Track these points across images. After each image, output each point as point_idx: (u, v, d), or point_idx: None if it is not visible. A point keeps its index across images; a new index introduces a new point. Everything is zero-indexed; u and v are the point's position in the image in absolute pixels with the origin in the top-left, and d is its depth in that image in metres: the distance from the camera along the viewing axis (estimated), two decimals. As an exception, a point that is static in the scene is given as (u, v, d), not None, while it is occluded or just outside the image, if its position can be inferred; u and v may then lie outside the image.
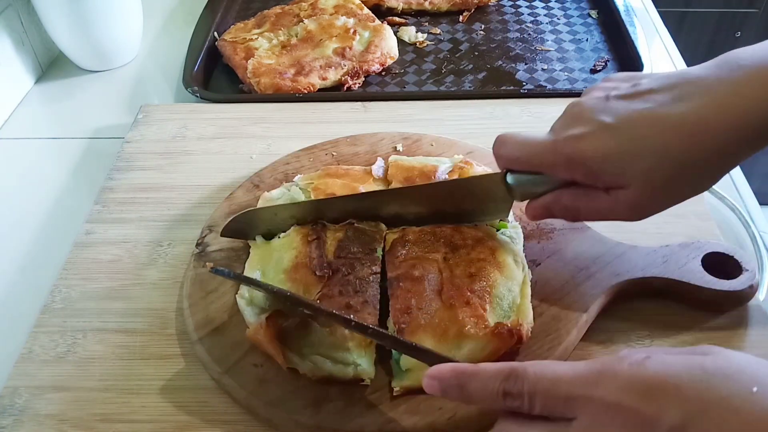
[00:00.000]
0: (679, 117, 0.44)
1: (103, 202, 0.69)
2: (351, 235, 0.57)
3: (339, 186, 0.62)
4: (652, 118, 0.45)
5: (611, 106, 0.47)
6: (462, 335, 0.50)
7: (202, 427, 0.50)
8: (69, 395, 0.52)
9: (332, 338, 0.50)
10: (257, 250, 0.59)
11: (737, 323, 0.55)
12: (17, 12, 0.89)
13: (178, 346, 0.56)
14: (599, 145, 0.47)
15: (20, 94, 0.90)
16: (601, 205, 0.49)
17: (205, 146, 0.76)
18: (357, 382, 0.50)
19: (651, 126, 0.45)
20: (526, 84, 0.87)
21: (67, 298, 0.60)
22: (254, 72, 0.86)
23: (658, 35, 0.98)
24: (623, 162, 0.46)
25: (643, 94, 0.47)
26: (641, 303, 0.56)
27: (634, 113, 0.46)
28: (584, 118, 0.48)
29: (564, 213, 0.52)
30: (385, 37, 0.92)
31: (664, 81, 0.47)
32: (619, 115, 0.46)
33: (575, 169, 0.48)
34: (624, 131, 0.46)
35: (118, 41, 0.94)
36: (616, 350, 0.53)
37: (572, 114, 0.49)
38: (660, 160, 0.45)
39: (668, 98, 0.45)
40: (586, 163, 0.47)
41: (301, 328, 0.51)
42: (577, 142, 0.47)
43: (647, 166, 0.45)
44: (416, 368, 0.49)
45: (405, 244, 0.56)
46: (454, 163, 0.64)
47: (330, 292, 0.53)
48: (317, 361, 0.50)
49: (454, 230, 0.57)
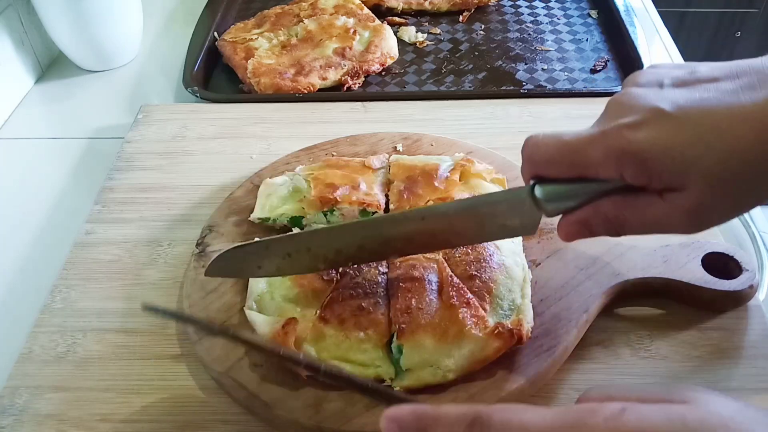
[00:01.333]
0: (752, 108, 0.38)
1: (103, 202, 0.69)
2: None
3: (339, 176, 0.62)
4: (720, 108, 0.39)
5: (668, 93, 0.41)
6: (462, 335, 0.50)
7: (202, 427, 0.50)
8: (69, 395, 0.52)
9: (348, 342, 0.50)
10: None
11: (737, 323, 0.55)
12: (17, 12, 0.89)
13: (178, 346, 0.56)
14: (658, 135, 0.39)
15: (20, 94, 0.90)
16: (653, 212, 0.42)
17: (205, 146, 0.76)
18: (379, 383, 0.49)
19: (719, 116, 0.39)
20: (526, 84, 0.87)
21: (67, 298, 0.60)
22: (254, 72, 0.86)
23: (658, 35, 0.98)
24: (686, 156, 0.39)
25: (704, 81, 0.41)
26: (641, 303, 0.56)
27: (697, 102, 0.40)
28: (637, 106, 0.41)
29: (606, 227, 0.44)
30: (385, 37, 0.92)
31: (727, 69, 0.41)
32: (680, 104, 0.40)
33: (627, 164, 0.41)
34: (687, 121, 0.39)
35: (118, 41, 0.94)
36: (616, 350, 0.54)
37: (621, 102, 0.42)
38: (729, 155, 0.38)
39: (736, 86, 0.39)
40: (642, 156, 0.40)
41: (315, 333, 0.51)
42: (632, 131, 0.40)
43: (713, 162, 0.39)
44: (416, 368, 0.49)
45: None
46: (456, 161, 0.64)
47: (339, 295, 0.53)
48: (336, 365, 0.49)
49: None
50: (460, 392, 0.49)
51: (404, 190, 0.62)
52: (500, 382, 0.49)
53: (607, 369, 0.52)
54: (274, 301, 0.54)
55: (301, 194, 0.63)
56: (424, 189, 0.62)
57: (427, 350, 0.49)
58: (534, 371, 0.50)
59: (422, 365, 0.49)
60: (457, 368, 0.49)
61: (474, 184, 0.63)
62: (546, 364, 0.50)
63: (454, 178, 0.63)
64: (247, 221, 0.63)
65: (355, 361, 0.50)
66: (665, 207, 0.41)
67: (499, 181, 0.64)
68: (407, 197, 0.61)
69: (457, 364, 0.49)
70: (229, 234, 0.62)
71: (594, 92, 0.82)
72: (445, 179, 0.62)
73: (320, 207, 0.61)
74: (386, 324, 0.51)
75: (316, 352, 0.50)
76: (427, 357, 0.49)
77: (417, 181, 0.62)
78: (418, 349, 0.49)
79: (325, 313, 0.52)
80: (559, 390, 0.51)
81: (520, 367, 0.50)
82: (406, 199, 0.61)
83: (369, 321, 0.51)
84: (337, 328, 0.51)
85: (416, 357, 0.49)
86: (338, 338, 0.50)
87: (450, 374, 0.49)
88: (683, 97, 0.40)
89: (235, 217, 0.64)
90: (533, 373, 0.50)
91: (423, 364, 0.49)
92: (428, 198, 0.61)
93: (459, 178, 0.63)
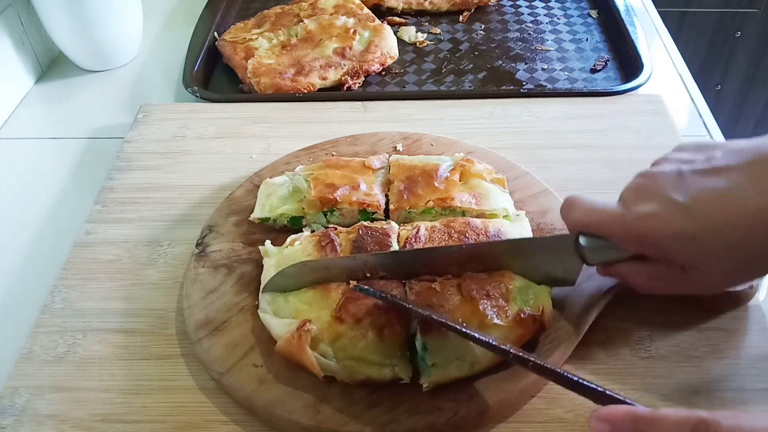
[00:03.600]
0: (756, 205, 0.42)
1: (103, 202, 0.69)
2: (363, 234, 0.57)
3: (338, 176, 0.62)
4: (729, 201, 0.43)
5: (684, 182, 0.45)
6: (484, 326, 0.50)
7: (202, 427, 0.50)
8: (69, 395, 0.52)
9: (365, 341, 0.50)
10: (270, 261, 0.57)
11: (737, 323, 0.55)
12: (17, 12, 0.89)
13: (178, 346, 0.56)
14: (671, 226, 0.44)
15: (20, 94, 0.90)
16: (677, 283, 0.47)
17: (205, 146, 0.76)
18: (396, 382, 0.50)
19: (727, 209, 0.43)
20: (526, 84, 0.87)
21: (67, 298, 0.60)
22: (254, 72, 0.86)
23: (658, 35, 0.98)
24: (697, 244, 0.44)
25: (717, 171, 0.44)
26: (641, 303, 0.56)
27: (709, 192, 0.44)
28: (656, 195, 0.46)
29: (639, 288, 0.51)
30: (385, 36, 0.92)
31: (739, 158, 0.44)
32: (693, 194, 0.44)
33: (647, 247, 0.47)
34: (698, 212, 0.44)
35: (118, 41, 0.94)
36: (616, 350, 0.54)
37: (643, 187, 0.47)
38: (737, 245, 0.43)
39: (745, 178, 0.43)
40: (658, 243, 0.45)
41: (331, 333, 0.50)
42: (648, 220, 0.45)
43: (723, 251, 0.43)
44: (441, 363, 0.49)
45: (418, 240, 0.56)
46: (455, 161, 0.64)
47: (354, 295, 0.52)
48: (353, 366, 0.49)
49: (466, 224, 0.57)
50: (460, 392, 0.49)
51: (404, 190, 0.62)
52: (501, 382, 0.49)
53: (607, 369, 0.53)
54: (289, 303, 0.54)
55: (301, 194, 0.63)
56: (424, 189, 0.62)
57: (451, 344, 0.49)
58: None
59: (449, 359, 0.49)
60: (483, 359, 0.49)
61: (474, 184, 0.63)
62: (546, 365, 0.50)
63: (454, 179, 0.63)
64: (247, 221, 0.63)
65: (371, 361, 0.49)
66: (687, 280, 0.47)
67: (499, 181, 0.64)
68: (407, 197, 0.61)
69: (483, 354, 0.49)
70: (229, 234, 0.62)
71: (594, 92, 0.82)
72: (445, 179, 0.62)
73: (320, 207, 0.61)
74: (402, 323, 0.51)
75: (333, 352, 0.50)
76: (453, 351, 0.49)
77: (417, 181, 0.62)
78: (443, 343, 0.49)
79: (341, 313, 0.51)
80: (560, 390, 0.51)
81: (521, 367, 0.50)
82: (406, 199, 0.61)
83: (385, 320, 0.51)
84: (352, 327, 0.50)
85: (442, 352, 0.49)
86: (354, 338, 0.50)
87: (477, 365, 0.49)
88: (698, 186, 0.45)
89: (235, 217, 0.64)
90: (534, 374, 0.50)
91: (449, 358, 0.49)
92: (428, 198, 0.61)
93: (459, 178, 0.63)
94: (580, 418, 0.50)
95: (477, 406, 0.48)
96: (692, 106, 0.84)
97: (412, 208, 0.61)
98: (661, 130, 0.75)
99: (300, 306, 0.53)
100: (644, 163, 0.51)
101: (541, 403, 0.51)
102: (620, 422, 0.36)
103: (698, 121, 0.82)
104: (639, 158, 0.71)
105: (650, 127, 0.76)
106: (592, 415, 0.37)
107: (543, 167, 0.70)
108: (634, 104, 0.79)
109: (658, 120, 0.77)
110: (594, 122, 0.77)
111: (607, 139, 0.74)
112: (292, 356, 0.49)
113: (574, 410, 0.50)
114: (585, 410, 0.50)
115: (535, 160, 0.71)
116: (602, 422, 0.36)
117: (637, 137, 0.74)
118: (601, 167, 0.71)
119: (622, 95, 0.81)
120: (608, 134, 0.75)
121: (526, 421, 0.50)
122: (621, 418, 0.36)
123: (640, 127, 0.76)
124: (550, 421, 0.50)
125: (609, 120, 0.77)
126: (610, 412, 0.36)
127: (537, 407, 0.51)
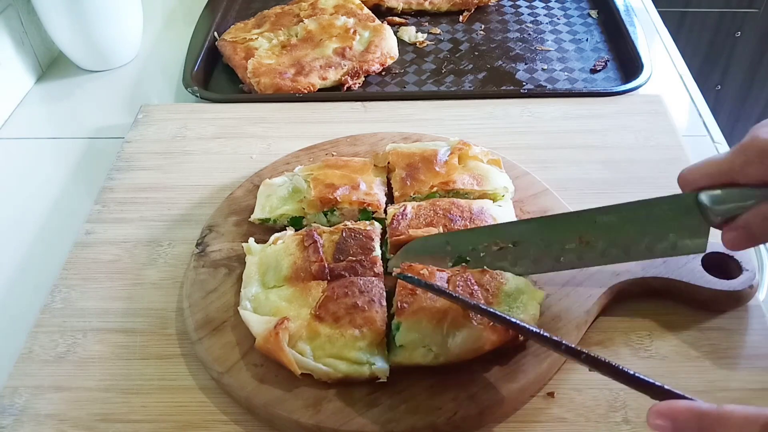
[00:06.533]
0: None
1: (103, 202, 0.69)
2: (346, 236, 0.57)
3: (338, 176, 0.63)
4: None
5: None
6: (458, 324, 0.50)
7: (202, 427, 0.50)
8: (69, 395, 0.52)
9: (343, 339, 0.50)
10: (253, 259, 0.58)
11: (737, 323, 0.55)
12: (17, 12, 0.89)
13: (178, 346, 0.56)
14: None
15: (20, 94, 0.90)
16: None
17: (205, 146, 0.76)
18: (373, 381, 0.50)
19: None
20: (526, 84, 0.87)
21: (67, 298, 0.60)
22: (254, 72, 0.86)
23: (658, 35, 0.98)
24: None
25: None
26: (641, 303, 0.56)
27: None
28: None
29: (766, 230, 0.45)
30: (385, 37, 0.92)
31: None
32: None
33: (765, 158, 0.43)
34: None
35: (118, 41, 0.94)
36: (616, 350, 0.54)
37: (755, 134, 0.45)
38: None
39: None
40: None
41: (310, 331, 0.51)
42: (763, 129, 0.42)
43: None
44: (409, 346, 0.49)
45: (404, 217, 0.58)
46: (452, 145, 0.65)
47: (334, 294, 0.53)
48: (331, 364, 0.50)
49: (450, 203, 0.59)
50: (460, 392, 0.49)
51: (406, 177, 0.63)
52: (501, 381, 0.49)
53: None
54: (269, 300, 0.54)
55: (300, 194, 0.63)
56: (426, 174, 0.63)
57: (422, 331, 0.50)
58: (534, 371, 0.50)
59: (415, 344, 0.50)
60: (449, 354, 0.49)
61: (472, 166, 0.64)
62: (546, 364, 0.50)
63: (453, 162, 0.64)
64: (247, 221, 0.63)
65: (349, 359, 0.50)
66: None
67: (495, 162, 0.65)
68: (410, 183, 0.62)
69: (450, 349, 0.49)
70: (229, 234, 0.62)
71: (594, 92, 0.82)
72: (444, 163, 0.63)
73: (320, 207, 0.61)
74: (381, 322, 0.51)
75: (312, 350, 0.50)
76: (422, 337, 0.50)
77: (418, 167, 0.63)
78: (415, 328, 0.50)
79: (320, 312, 0.52)
80: (560, 390, 0.51)
81: (521, 367, 0.50)
82: (409, 185, 0.62)
83: (364, 319, 0.51)
84: (332, 326, 0.51)
85: (411, 335, 0.50)
86: (333, 336, 0.51)
87: (441, 358, 0.49)
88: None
89: (235, 217, 0.64)
90: (533, 373, 0.50)
91: (417, 343, 0.50)
92: (431, 183, 0.62)
93: (457, 161, 0.64)
94: (580, 418, 0.50)
95: (477, 406, 0.48)
96: (692, 106, 0.84)
97: (416, 194, 0.62)
98: (661, 130, 0.75)
99: (280, 304, 0.54)
100: (644, 163, 0.51)
101: (541, 403, 0.51)
102: (682, 418, 0.33)
103: (698, 121, 0.82)
104: (639, 158, 0.72)
105: (650, 128, 0.76)
106: (651, 411, 0.34)
107: (543, 167, 0.70)
108: (634, 104, 0.79)
109: (658, 120, 0.77)
110: (594, 122, 0.77)
111: (607, 139, 0.74)
112: (270, 354, 0.50)
113: (575, 410, 0.50)
114: (585, 410, 0.50)
115: (535, 160, 0.71)
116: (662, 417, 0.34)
117: (637, 137, 0.74)
118: (601, 167, 0.71)
119: (622, 95, 0.81)
120: (608, 134, 0.75)
121: (526, 421, 0.50)
122: (683, 414, 0.33)
123: (640, 128, 0.76)
124: (550, 421, 0.50)
125: (609, 120, 0.77)
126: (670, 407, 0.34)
127: (537, 407, 0.51)
